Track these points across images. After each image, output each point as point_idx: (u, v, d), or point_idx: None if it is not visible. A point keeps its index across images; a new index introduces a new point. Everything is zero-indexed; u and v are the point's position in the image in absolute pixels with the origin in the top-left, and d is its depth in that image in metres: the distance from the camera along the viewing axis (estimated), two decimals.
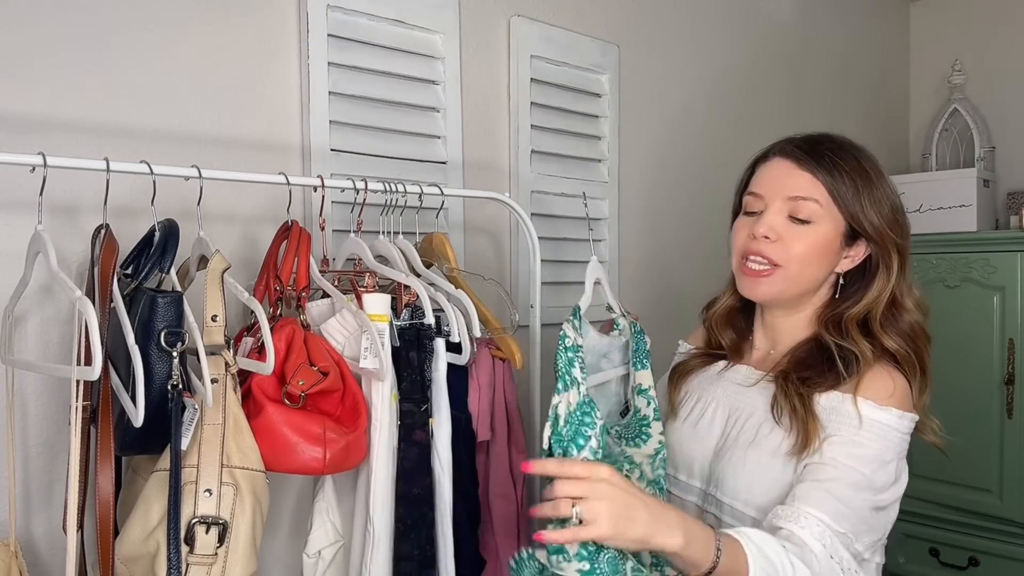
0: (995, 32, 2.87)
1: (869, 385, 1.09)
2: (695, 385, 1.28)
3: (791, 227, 1.12)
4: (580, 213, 1.96)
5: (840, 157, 1.13)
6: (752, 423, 1.15)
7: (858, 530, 1.03)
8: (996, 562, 2.44)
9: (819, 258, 1.14)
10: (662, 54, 2.18)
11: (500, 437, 1.34)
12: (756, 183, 1.18)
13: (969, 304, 2.48)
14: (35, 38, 1.19)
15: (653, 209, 2.16)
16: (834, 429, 1.07)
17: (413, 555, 1.14)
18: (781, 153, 1.16)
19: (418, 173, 1.62)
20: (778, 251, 1.13)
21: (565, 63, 1.90)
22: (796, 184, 1.13)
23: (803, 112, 2.59)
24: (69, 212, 1.20)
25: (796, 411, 1.08)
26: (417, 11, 1.62)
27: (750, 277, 1.16)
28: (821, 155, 1.13)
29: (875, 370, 1.10)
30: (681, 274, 2.22)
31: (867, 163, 1.15)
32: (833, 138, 1.17)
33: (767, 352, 1.23)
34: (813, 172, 1.12)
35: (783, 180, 1.14)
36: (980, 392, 2.46)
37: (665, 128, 2.20)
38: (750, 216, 1.17)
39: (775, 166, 1.16)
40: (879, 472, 1.05)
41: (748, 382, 1.20)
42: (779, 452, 1.09)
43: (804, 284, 1.15)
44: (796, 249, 1.12)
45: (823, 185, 1.12)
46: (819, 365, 1.12)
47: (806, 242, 1.12)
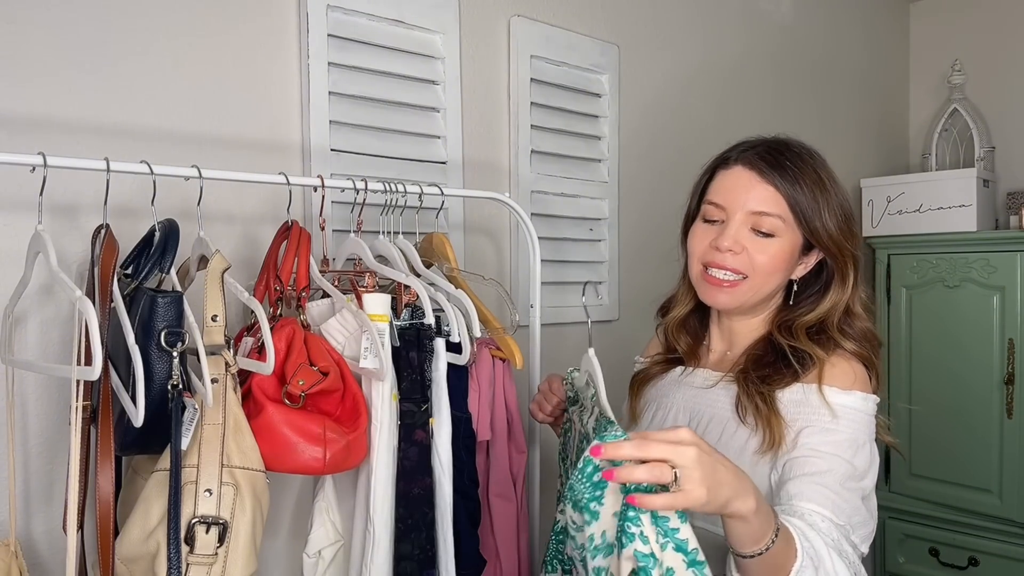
0: (995, 32, 2.87)
1: (830, 373, 1.11)
2: (653, 393, 1.29)
3: (754, 239, 1.14)
4: (580, 213, 1.96)
5: (800, 168, 1.14)
6: (715, 424, 1.16)
7: (853, 522, 1.03)
8: (996, 562, 2.44)
9: (781, 269, 1.16)
10: (662, 54, 2.18)
11: (500, 437, 1.34)
12: (717, 192, 1.18)
13: (969, 304, 2.48)
14: (35, 38, 1.19)
15: (653, 209, 2.16)
16: (806, 420, 1.08)
17: (413, 555, 1.14)
18: (743, 162, 1.16)
19: (418, 173, 1.62)
20: (742, 262, 1.14)
21: (565, 63, 1.90)
22: (760, 198, 1.14)
23: (803, 111, 2.59)
24: (69, 212, 1.20)
25: (760, 409, 1.10)
26: (417, 11, 1.62)
27: (713, 286, 1.17)
28: (783, 167, 1.14)
29: (832, 360, 1.13)
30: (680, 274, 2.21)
31: (823, 172, 1.16)
32: (791, 145, 1.18)
33: (724, 353, 1.25)
34: (776, 185, 1.13)
35: (746, 192, 1.14)
36: (980, 392, 2.46)
37: (665, 128, 2.19)
38: (710, 224, 1.18)
39: (737, 176, 1.16)
40: (857, 456, 1.07)
41: (707, 384, 1.21)
42: (746, 450, 1.10)
43: (765, 293, 1.18)
44: (760, 260, 1.14)
45: (785, 200, 1.13)
46: (776, 363, 1.15)
47: (768, 254, 1.14)
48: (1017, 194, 2.74)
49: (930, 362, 2.57)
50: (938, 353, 2.56)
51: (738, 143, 1.22)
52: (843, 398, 1.09)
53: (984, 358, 2.45)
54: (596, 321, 2.02)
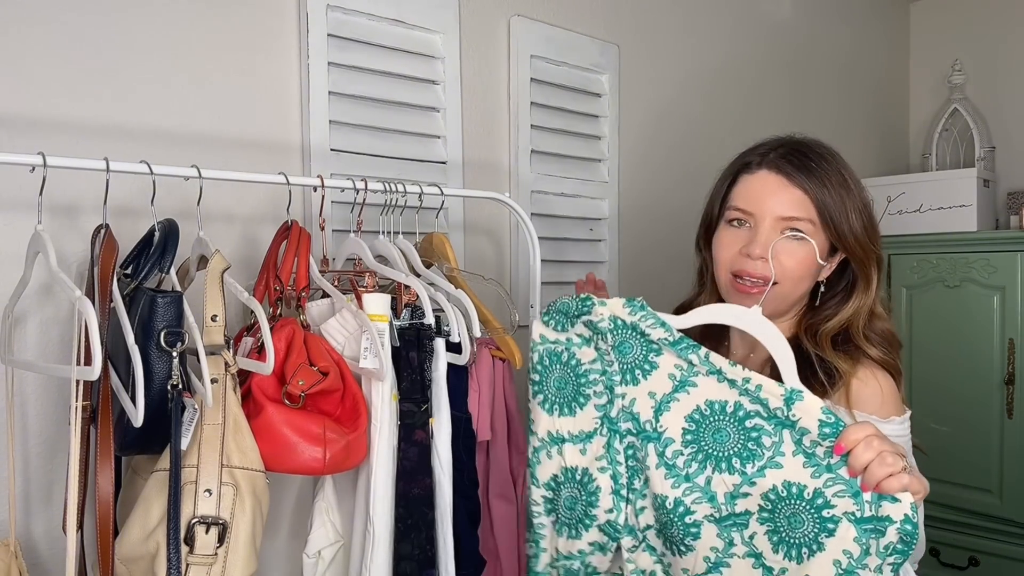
0: (995, 32, 2.87)
1: (859, 395, 1.08)
2: None
3: (783, 244, 1.12)
4: (580, 213, 1.96)
5: (825, 169, 1.13)
6: None
7: None
8: (996, 562, 2.44)
9: (809, 273, 1.15)
10: (662, 54, 2.18)
11: (500, 437, 1.34)
12: (743, 197, 1.16)
13: (969, 304, 2.48)
14: (35, 38, 1.19)
15: (653, 209, 2.16)
16: None
17: (413, 555, 1.14)
18: (768, 166, 1.15)
19: (418, 173, 1.62)
20: (774, 269, 1.12)
21: (565, 63, 1.90)
22: (788, 202, 1.12)
23: (803, 112, 2.59)
24: (69, 212, 1.20)
25: None
26: (417, 11, 1.62)
27: (746, 295, 1.14)
28: (809, 169, 1.12)
29: (859, 377, 1.10)
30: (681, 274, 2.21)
31: (845, 172, 1.15)
32: (812, 146, 1.16)
33: (745, 357, 1.22)
34: (804, 189, 1.12)
35: (774, 197, 1.13)
36: (980, 392, 2.46)
37: (665, 128, 2.19)
38: (736, 228, 1.16)
39: (763, 180, 1.14)
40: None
41: None
42: None
43: (795, 297, 1.17)
44: (790, 266, 1.12)
45: (813, 203, 1.12)
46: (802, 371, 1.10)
47: (798, 258, 1.12)
48: (1017, 194, 2.74)
49: (930, 362, 2.56)
50: (938, 353, 2.55)
51: (757, 145, 1.19)
52: (884, 427, 1.02)
53: (984, 358, 2.45)
54: None
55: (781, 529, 0.93)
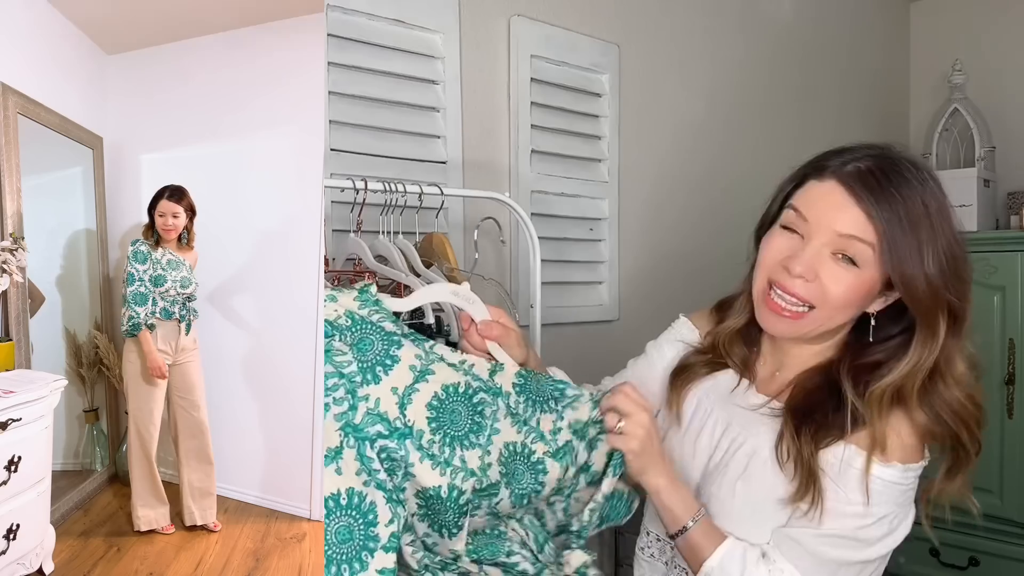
0: (995, 32, 2.87)
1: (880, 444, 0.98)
2: (701, 397, 1.16)
3: (831, 266, 0.97)
4: (580, 213, 1.96)
5: (905, 196, 0.96)
6: (744, 452, 1.07)
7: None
8: (996, 562, 2.44)
9: (855, 304, 1.00)
10: (662, 54, 2.17)
11: None
12: (804, 201, 1.01)
13: None
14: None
15: (653, 208, 2.16)
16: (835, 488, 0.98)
17: None
18: (839, 177, 0.98)
19: (418, 173, 1.62)
20: (812, 292, 0.98)
21: (565, 63, 1.90)
22: (849, 221, 0.96)
23: (803, 112, 2.58)
24: None
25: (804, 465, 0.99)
26: (417, 11, 1.61)
27: (773, 313, 1.02)
28: (884, 192, 0.96)
29: (893, 425, 0.98)
30: (680, 273, 2.22)
31: (932, 203, 0.98)
32: (900, 166, 0.99)
33: (772, 373, 1.13)
34: (870, 213, 0.95)
35: (834, 212, 0.97)
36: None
37: (665, 127, 2.19)
38: (788, 232, 1.02)
39: (829, 191, 0.99)
40: (871, 528, 0.98)
41: (751, 406, 1.09)
42: (772, 495, 1.01)
43: (831, 327, 1.03)
44: (833, 292, 0.98)
45: (876, 230, 0.95)
46: (825, 405, 1.01)
47: (846, 285, 0.97)
48: (1017, 194, 2.74)
49: None
50: None
51: (841, 148, 1.03)
52: (880, 471, 0.97)
53: (985, 358, 2.43)
54: (596, 321, 2.02)
55: (514, 486, 0.98)
